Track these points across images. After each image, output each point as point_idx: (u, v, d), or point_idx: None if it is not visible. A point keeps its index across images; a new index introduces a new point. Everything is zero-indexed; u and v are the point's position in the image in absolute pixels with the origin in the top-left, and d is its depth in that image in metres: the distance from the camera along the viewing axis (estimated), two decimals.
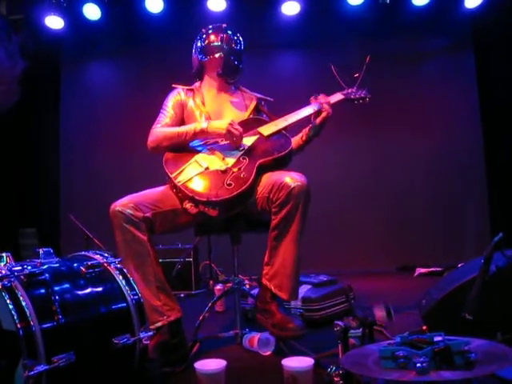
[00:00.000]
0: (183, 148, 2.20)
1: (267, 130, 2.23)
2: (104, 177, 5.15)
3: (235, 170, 2.06)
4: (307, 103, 2.32)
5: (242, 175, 2.04)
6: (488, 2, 4.47)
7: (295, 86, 4.73)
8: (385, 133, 5.05)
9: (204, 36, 2.39)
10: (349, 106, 2.44)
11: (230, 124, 2.13)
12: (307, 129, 2.32)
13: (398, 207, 4.98)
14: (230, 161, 2.11)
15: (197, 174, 2.07)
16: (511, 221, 4.39)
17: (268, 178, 2.05)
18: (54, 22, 4.66)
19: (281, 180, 1.95)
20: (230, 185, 2.00)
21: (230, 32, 2.39)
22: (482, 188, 4.93)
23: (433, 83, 5.04)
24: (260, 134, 2.22)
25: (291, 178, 1.94)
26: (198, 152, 2.18)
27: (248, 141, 2.19)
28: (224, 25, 2.44)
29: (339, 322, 1.46)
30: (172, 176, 2.07)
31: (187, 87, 2.42)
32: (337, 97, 2.40)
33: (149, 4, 4.62)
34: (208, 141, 2.22)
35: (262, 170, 2.09)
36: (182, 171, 2.09)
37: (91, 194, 5.07)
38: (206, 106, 2.35)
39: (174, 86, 2.44)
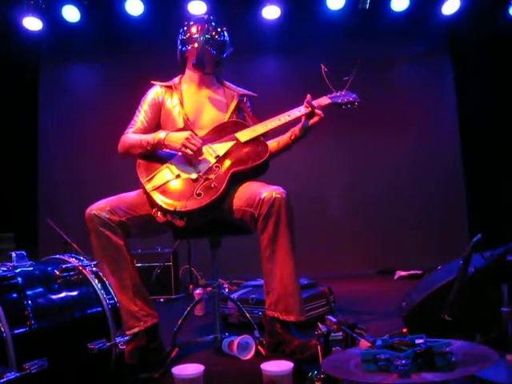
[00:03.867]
0: (157, 152, 2.15)
1: (245, 135, 2.17)
2: (84, 180, 5.07)
3: (207, 178, 2.03)
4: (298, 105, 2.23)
5: (212, 185, 2.00)
6: (464, 9, 4.56)
7: (275, 89, 4.73)
8: (364, 137, 5.08)
9: (185, 28, 2.32)
10: (328, 110, 2.30)
11: (187, 139, 2.05)
12: (296, 129, 2.26)
13: (377, 210, 5.01)
14: (203, 168, 2.07)
15: (167, 182, 2.04)
16: (489, 223, 4.46)
17: (245, 190, 2.02)
18: (33, 23, 4.58)
19: (260, 195, 1.91)
20: (199, 195, 1.97)
21: (210, 22, 2.29)
22: (460, 190, 5.00)
23: (411, 88, 5.10)
24: (237, 139, 2.16)
25: (270, 192, 1.91)
26: (172, 157, 2.13)
27: (223, 147, 2.14)
28: (205, 16, 2.37)
29: (321, 326, 1.45)
30: (143, 182, 2.04)
31: (166, 84, 2.35)
32: (323, 101, 2.31)
33: (129, 6, 4.58)
34: None
35: (237, 178, 2.06)
36: (152, 177, 2.05)
37: (70, 197, 4.98)
38: (185, 106, 2.28)
39: (152, 82, 2.37)
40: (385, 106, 4.98)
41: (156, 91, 2.33)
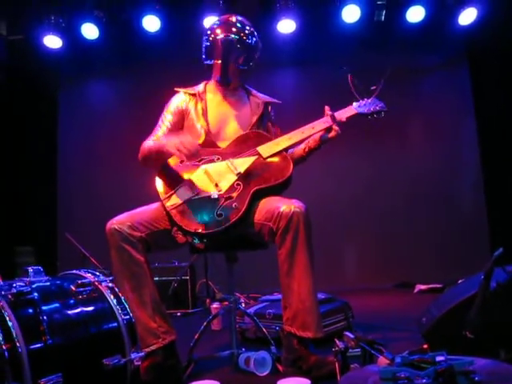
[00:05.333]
0: (176, 166, 2.11)
1: (267, 150, 2.10)
2: (102, 195, 5.12)
3: (228, 197, 1.98)
4: (320, 116, 2.16)
5: (233, 205, 1.96)
6: (481, 19, 4.51)
7: (291, 103, 4.74)
8: (381, 148, 5.04)
9: (209, 33, 2.23)
10: (350, 120, 2.24)
11: (181, 142, 1.95)
12: (311, 141, 2.19)
13: (395, 223, 4.94)
14: (224, 186, 2.02)
15: (187, 200, 1.99)
16: (511, 236, 4.36)
17: (264, 205, 1.98)
18: (53, 41, 4.69)
19: (278, 209, 1.88)
20: (220, 215, 1.94)
21: (236, 28, 2.20)
22: (480, 203, 4.91)
23: (428, 99, 5.06)
24: (259, 154, 2.10)
25: (288, 206, 1.88)
26: (192, 171, 2.08)
27: (245, 163, 2.08)
28: (233, 18, 2.24)
29: (339, 342, 1.42)
30: (162, 198, 2.01)
31: (190, 91, 2.28)
32: (349, 112, 2.23)
33: (146, 23, 4.65)
34: (203, 158, 2.12)
35: (259, 194, 2.01)
36: (172, 194, 2.01)
37: (89, 211, 5.03)
38: (209, 117, 2.22)
39: (176, 89, 2.31)
40: (402, 117, 4.95)
41: (180, 98, 2.27)
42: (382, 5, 4.65)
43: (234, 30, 2.20)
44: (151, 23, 4.65)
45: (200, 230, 1.91)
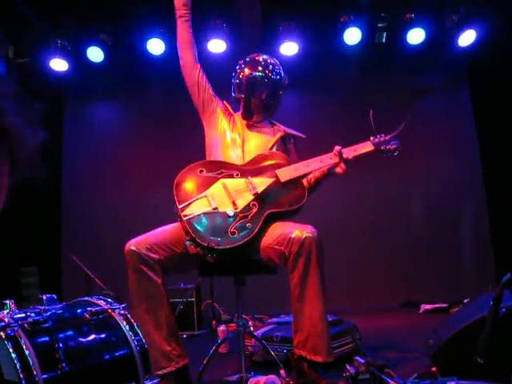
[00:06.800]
0: (197, 175, 2.14)
1: (285, 174, 2.15)
2: (107, 216, 5.15)
3: (243, 216, 2.01)
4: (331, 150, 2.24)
5: (247, 225, 1.99)
6: (480, 41, 4.58)
7: (294, 125, 4.78)
8: (384, 171, 5.04)
9: (238, 71, 2.40)
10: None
11: None
12: (317, 172, 2.28)
13: (399, 243, 4.95)
14: (240, 204, 2.04)
15: (204, 213, 2.01)
16: None
17: (275, 229, 2.01)
18: (59, 64, 4.78)
19: (291, 234, 1.91)
20: (233, 233, 1.96)
21: (262, 66, 2.36)
22: (484, 222, 4.91)
23: (429, 120, 5.10)
24: (277, 177, 2.15)
25: (301, 231, 1.91)
26: (211, 184, 2.11)
27: (263, 183, 2.13)
28: (259, 58, 2.41)
29: (349, 367, 1.43)
30: (180, 207, 2.02)
31: (230, 110, 2.43)
32: (366, 147, 2.32)
33: (150, 46, 4.73)
34: (223, 171, 2.16)
35: (271, 216, 2.06)
36: (189, 204, 2.03)
37: (93, 232, 5.05)
38: (237, 129, 2.35)
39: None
40: (403, 138, 4.97)
41: (224, 106, 2.43)
42: (383, 27, 4.74)
43: (259, 68, 2.36)
44: (155, 46, 4.74)
45: (212, 245, 1.93)
